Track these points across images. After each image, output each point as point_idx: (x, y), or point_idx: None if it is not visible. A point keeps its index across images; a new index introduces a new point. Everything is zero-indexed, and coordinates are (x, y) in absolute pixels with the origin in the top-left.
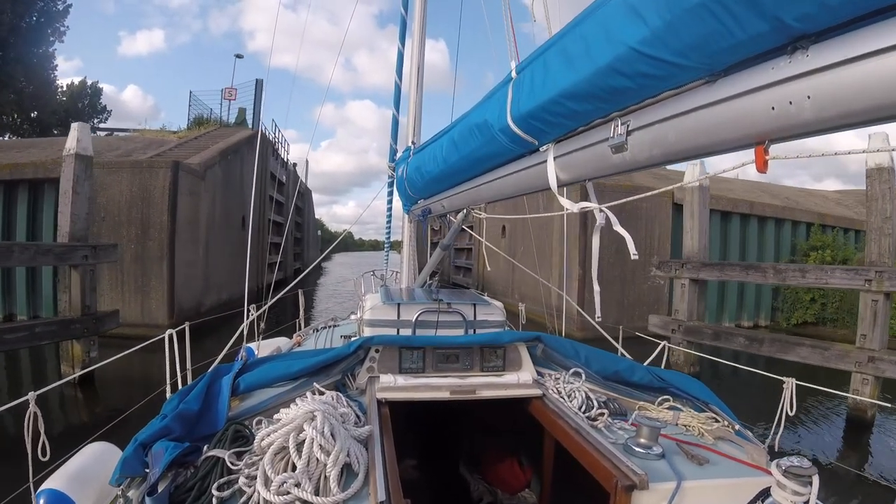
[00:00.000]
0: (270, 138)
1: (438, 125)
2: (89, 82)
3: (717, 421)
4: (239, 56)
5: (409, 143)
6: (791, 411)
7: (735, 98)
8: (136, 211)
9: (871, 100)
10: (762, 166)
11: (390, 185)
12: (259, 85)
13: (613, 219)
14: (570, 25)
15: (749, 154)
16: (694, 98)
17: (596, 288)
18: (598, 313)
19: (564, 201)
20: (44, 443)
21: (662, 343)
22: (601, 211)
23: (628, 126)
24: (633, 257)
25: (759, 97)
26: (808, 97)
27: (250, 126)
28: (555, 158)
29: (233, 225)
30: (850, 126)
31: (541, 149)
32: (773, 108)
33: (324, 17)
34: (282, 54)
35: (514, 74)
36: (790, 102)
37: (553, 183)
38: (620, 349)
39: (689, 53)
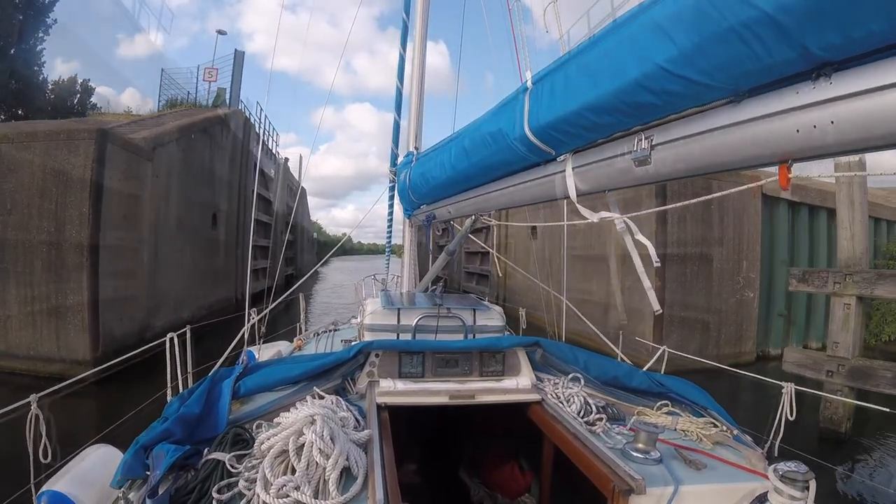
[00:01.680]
0: (254, 123)
1: (439, 128)
2: (80, 80)
3: (715, 426)
4: (221, 32)
5: (412, 149)
6: (791, 416)
7: (761, 119)
8: (49, 200)
9: (891, 128)
10: (785, 184)
11: (391, 189)
12: (238, 58)
13: (634, 228)
14: (592, 40)
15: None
16: (719, 117)
17: (647, 284)
18: (655, 306)
19: (585, 211)
20: (45, 444)
21: (662, 348)
22: (623, 221)
23: (652, 140)
24: (655, 264)
25: (784, 119)
26: (832, 122)
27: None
28: (573, 169)
29: (198, 223)
30: (872, 149)
31: (558, 159)
32: (797, 131)
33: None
34: (280, 56)
35: (529, 84)
36: (814, 126)
37: (573, 193)
38: (620, 354)
39: (716, 74)
